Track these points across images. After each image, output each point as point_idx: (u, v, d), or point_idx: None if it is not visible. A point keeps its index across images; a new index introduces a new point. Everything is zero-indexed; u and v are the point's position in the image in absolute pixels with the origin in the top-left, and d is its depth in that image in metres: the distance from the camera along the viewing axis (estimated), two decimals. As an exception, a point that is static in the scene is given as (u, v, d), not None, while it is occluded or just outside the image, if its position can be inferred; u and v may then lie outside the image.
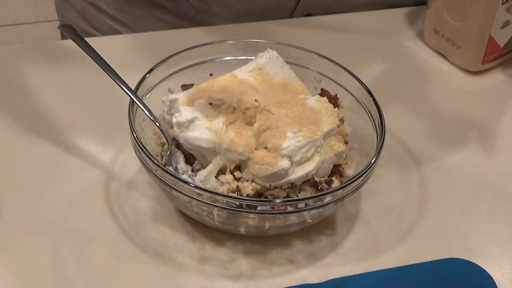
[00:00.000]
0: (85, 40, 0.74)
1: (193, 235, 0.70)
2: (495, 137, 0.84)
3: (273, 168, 0.66)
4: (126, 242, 0.69)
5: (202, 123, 0.69)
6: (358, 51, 0.94)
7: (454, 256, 0.70)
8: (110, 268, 0.68)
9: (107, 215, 0.71)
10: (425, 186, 0.77)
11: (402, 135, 0.82)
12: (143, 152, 0.67)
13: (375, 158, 0.68)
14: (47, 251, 0.68)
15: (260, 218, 0.67)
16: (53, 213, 0.71)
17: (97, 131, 0.80)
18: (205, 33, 0.93)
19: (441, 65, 0.93)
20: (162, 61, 0.75)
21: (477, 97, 0.90)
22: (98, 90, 0.83)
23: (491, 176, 0.80)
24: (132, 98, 0.71)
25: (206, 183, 0.68)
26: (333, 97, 0.75)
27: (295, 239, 0.71)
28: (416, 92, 0.90)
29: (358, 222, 0.73)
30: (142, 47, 0.91)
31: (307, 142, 0.68)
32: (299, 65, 0.78)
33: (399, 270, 0.68)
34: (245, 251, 0.70)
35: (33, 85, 0.85)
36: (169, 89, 0.76)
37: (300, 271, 0.69)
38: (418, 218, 0.74)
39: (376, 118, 0.73)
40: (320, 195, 0.66)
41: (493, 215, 0.75)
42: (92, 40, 0.74)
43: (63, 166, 0.76)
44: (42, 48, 0.92)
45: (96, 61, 0.72)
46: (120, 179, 0.75)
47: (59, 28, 0.77)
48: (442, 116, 0.87)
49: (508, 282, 0.69)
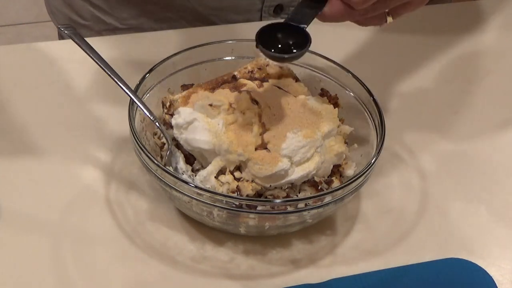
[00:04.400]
0: (85, 40, 0.74)
1: (193, 235, 0.70)
2: (496, 137, 0.84)
3: (273, 168, 0.66)
4: (126, 242, 0.69)
5: (201, 124, 0.69)
6: (358, 51, 0.94)
7: (454, 256, 0.70)
8: (110, 268, 0.68)
9: (107, 215, 0.71)
10: (425, 186, 0.77)
11: (402, 135, 0.82)
12: (143, 152, 0.67)
13: (375, 158, 0.68)
14: (47, 251, 0.68)
15: (260, 218, 0.67)
16: (53, 213, 0.71)
17: (97, 131, 0.80)
18: (205, 33, 0.93)
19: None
20: (162, 61, 0.75)
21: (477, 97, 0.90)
22: (98, 90, 0.83)
23: (491, 176, 0.80)
24: (132, 98, 0.71)
25: (206, 183, 0.68)
26: (333, 97, 0.75)
27: (295, 239, 0.71)
28: (417, 92, 0.90)
29: (358, 222, 0.73)
30: (142, 47, 0.91)
31: (307, 142, 0.68)
32: (299, 65, 0.78)
33: (399, 270, 0.68)
34: (245, 251, 0.70)
35: (33, 85, 0.85)
36: (169, 89, 0.76)
37: (300, 271, 0.69)
38: (418, 218, 0.74)
39: (376, 118, 0.73)
40: (320, 195, 0.66)
41: (493, 215, 0.75)
42: (92, 40, 0.74)
43: (63, 166, 0.76)
44: (42, 48, 0.92)
45: (96, 61, 0.72)
46: (120, 179, 0.75)
47: (59, 28, 0.77)
48: (443, 117, 0.87)
49: (508, 282, 0.69)
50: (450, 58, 0.95)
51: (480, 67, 0.94)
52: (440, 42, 0.96)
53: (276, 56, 0.65)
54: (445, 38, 0.97)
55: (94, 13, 1.01)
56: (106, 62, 0.73)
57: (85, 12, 1.01)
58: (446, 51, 0.95)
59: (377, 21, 0.70)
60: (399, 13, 0.70)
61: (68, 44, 0.70)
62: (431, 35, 0.98)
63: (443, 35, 0.98)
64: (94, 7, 1.00)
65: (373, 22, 0.70)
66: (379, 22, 0.70)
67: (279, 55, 0.65)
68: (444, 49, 0.95)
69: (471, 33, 0.99)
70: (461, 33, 0.99)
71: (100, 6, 1.00)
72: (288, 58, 0.67)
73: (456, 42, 0.97)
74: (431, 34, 0.98)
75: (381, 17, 0.70)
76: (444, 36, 0.98)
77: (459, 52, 0.96)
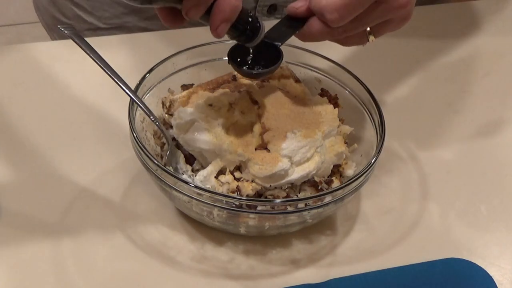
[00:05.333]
0: (85, 40, 0.73)
1: (193, 235, 0.70)
2: (496, 137, 0.84)
3: (273, 168, 0.66)
4: (126, 242, 0.69)
5: (201, 125, 0.69)
6: (358, 51, 0.94)
7: (454, 256, 0.70)
8: (110, 268, 0.68)
9: (107, 215, 0.71)
10: (425, 186, 0.77)
11: (402, 135, 0.82)
12: (143, 152, 0.67)
13: (375, 158, 0.68)
14: (47, 251, 0.68)
15: (260, 218, 0.67)
16: (53, 213, 0.71)
17: (97, 131, 0.80)
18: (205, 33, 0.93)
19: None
20: (162, 61, 0.75)
21: (477, 97, 0.90)
22: (98, 90, 0.83)
23: (491, 176, 0.80)
24: (132, 98, 0.70)
25: (206, 183, 0.68)
26: (333, 97, 0.75)
27: (295, 239, 0.71)
28: (417, 92, 0.90)
29: (358, 222, 0.73)
30: (142, 47, 0.91)
31: (307, 142, 0.68)
32: (299, 65, 0.78)
33: (399, 270, 0.68)
34: (245, 251, 0.70)
35: (33, 85, 0.85)
36: (169, 89, 0.76)
37: (300, 271, 0.69)
38: (418, 218, 0.74)
39: (376, 118, 0.73)
40: (320, 195, 0.66)
41: (493, 215, 0.75)
42: (92, 40, 0.73)
43: (63, 166, 0.76)
44: (42, 48, 0.92)
45: (96, 61, 0.72)
46: (120, 179, 0.75)
47: (59, 27, 0.77)
48: (443, 117, 0.87)
49: (508, 282, 0.69)
50: (450, 58, 0.95)
51: (479, 67, 0.94)
52: (440, 42, 0.96)
53: (244, 72, 0.67)
54: (445, 38, 0.97)
55: (76, 12, 1.01)
56: (106, 62, 0.72)
57: (68, 10, 1.02)
58: (445, 51, 0.95)
59: (359, 40, 0.70)
60: (380, 32, 0.70)
61: (67, 44, 0.70)
62: (431, 35, 0.97)
63: (443, 35, 0.98)
64: (76, 6, 1.01)
65: (354, 41, 0.70)
66: (361, 41, 0.70)
67: (247, 71, 0.67)
68: (444, 49, 0.95)
69: (470, 33, 0.99)
70: (461, 33, 0.99)
71: (82, 5, 1.00)
72: (256, 74, 0.68)
73: (456, 42, 0.97)
74: (431, 34, 0.98)
75: (362, 36, 0.70)
76: (444, 36, 0.98)
77: (459, 52, 0.96)
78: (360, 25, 0.68)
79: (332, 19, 0.65)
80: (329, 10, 0.65)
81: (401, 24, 0.70)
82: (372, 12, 0.67)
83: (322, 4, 0.65)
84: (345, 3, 0.64)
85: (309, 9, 0.67)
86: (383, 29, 0.70)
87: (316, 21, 0.67)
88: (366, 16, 0.67)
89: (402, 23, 0.70)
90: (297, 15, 0.68)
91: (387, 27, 0.70)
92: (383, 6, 0.67)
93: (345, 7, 0.65)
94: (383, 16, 0.68)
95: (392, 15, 0.68)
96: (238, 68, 0.67)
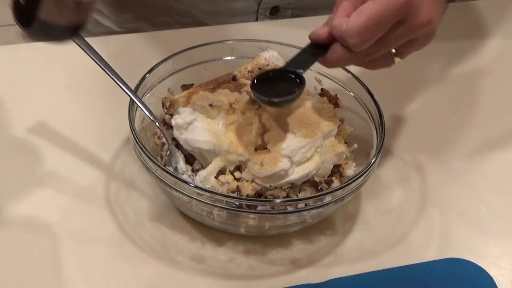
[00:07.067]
0: (85, 40, 0.73)
1: (193, 235, 0.70)
2: (495, 137, 0.84)
3: (273, 168, 0.66)
4: (126, 242, 0.69)
5: (201, 125, 0.69)
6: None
7: (454, 256, 0.70)
8: (110, 268, 0.68)
9: (107, 215, 0.71)
10: (425, 186, 0.77)
11: (402, 135, 0.82)
12: (143, 152, 0.67)
13: (375, 158, 0.68)
14: (47, 251, 0.68)
15: (260, 218, 0.67)
16: (53, 213, 0.71)
17: (97, 131, 0.80)
18: (205, 33, 0.93)
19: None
20: (162, 61, 0.75)
21: (477, 97, 0.90)
22: (98, 90, 0.83)
23: (491, 176, 0.80)
24: (132, 98, 0.71)
25: (206, 183, 0.68)
26: (333, 97, 0.75)
27: (295, 239, 0.71)
28: (417, 92, 0.90)
29: (358, 222, 0.73)
30: (142, 47, 0.91)
31: (307, 142, 0.68)
32: (299, 65, 0.78)
33: (399, 270, 0.68)
34: (245, 251, 0.70)
35: (33, 85, 0.85)
36: (169, 89, 0.76)
37: (300, 271, 0.69)
38: (418, 218, 0.74)
39: (376, 118, 0.73)
40: (320, 195, 0.66)
41: (493, 215, 0.75)
42: (92, 40, 0.73)
43: (63, 166, 0.76)
44: (42, 48, 0.92)
45: (96, 61, 0.72)
46: (120, 179, 0.75)
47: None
48: (443, 117, 0.87)
49: (508, 282, 0.69)
50: (450, 58, 0.95)
51: (480, 67, 0.94)
52: (440, 42, 0.96)
53: (266, 100, 0.66)
54: (445, 38, 0.97)
55: (93, 16, 1.01)
56: (106, 62, 0.73)
57: None
58: (446, 51, 0.95)
59: (384, 63, 0.69)
60: (405, 52, 0.69)
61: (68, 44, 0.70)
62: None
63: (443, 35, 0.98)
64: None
65: (380, 64, 0.69)
66: (386, 63, 0.69)
67: (269, 100, 0.66)
68: (444, 49, 0.95)
69: (471, 33, 0.99)
70: (461, 33, 0.99)
71: (100, 10, 1.01)
72: (278, 102, 0.66)
73: (456, 42, 0.97)
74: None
75: (387, 58, 0.68)
76: (444, 36, 0.97)
77: (459, 52, 0.96)
78: (383, 47, 0.67)
79: (354, 44, 0.64)
80: (351, 34, 0.64)
81: (426, 42, 0.69)
82: (393, 34, 0.66)
83: (343, 29, 0.64)
84: (366, 27, 0.63)
85: (331, 34, 0.66)
86: (408, 49, 0.69)
87: (338, 47, 0.66)
88: (388, 38, 0.66)
89: (427, 42, 0.69)
90: (320, 41, 0.67)
91: (411, 47, 0.69)
92: (404, 26, 0.66)
93: (366, 30, 0.64)
94: (406, 36, 0.67)
95: (415, 35, 0.67)
96: (260, 96, 0.66)
